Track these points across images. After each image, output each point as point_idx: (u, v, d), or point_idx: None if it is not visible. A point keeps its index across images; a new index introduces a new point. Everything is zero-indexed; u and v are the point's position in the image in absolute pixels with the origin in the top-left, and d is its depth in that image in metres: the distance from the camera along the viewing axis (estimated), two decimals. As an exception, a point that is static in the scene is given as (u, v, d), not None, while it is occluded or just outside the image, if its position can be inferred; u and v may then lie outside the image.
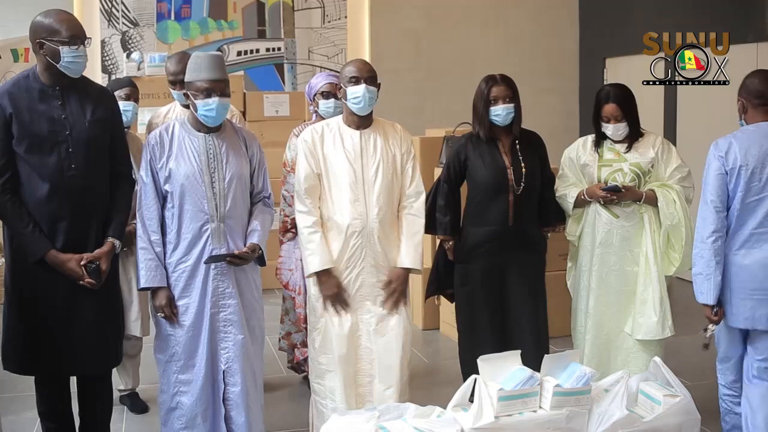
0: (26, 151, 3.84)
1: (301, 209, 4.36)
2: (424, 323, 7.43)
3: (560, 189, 5.01)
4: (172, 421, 4.20)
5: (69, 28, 3.85)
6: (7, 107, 3.83)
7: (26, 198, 3.89)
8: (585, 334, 5.03)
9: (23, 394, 4.36)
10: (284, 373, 6.12)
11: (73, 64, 3.89)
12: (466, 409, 3.30)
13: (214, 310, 4.11)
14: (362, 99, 4.31)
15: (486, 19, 11.24)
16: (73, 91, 3.98)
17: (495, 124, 4.75)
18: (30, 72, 3.98)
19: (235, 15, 10.91)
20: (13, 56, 9.70)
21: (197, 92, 4.02)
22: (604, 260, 4.94)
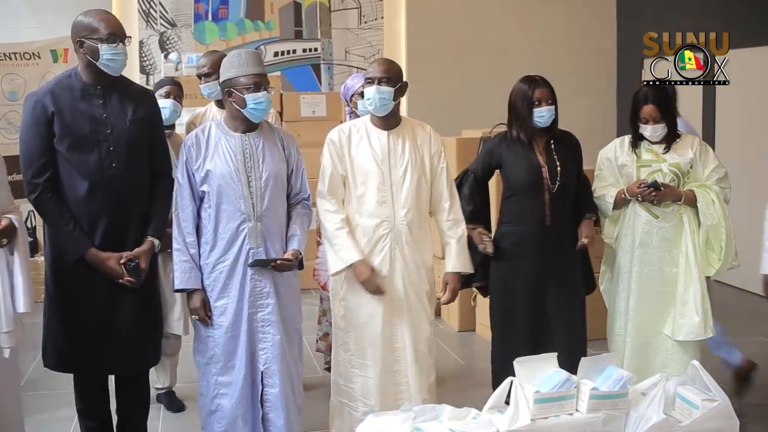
0: (67, 150, 3.88)
1: (328, 208, 4.37)
2: (459, 325, 7.41)
3: (598, 189, 4.97)
4: (212, 424, 4.21)
5: (108, 26, 3.90)
6: (49, 106, 3.88)
7: (66, 196, 3.93)
8: (625, 337, 4.99)
9: (59, 392, 4.40)
10: (321, 374, 6.13)
11: (112, 62, 3.92)
12: (502, 411, 3.28)
13: (252, 310, 4.12)
14: (372, 101, 4.33)
15: (522, 19, 11.20)
16: (114, 91, 4.02)
17: (537, 125, 4.72)
18: (72, 71, 4.03)
19: (272, 16, 10.94)
20: (53, 57, 9.77)
21: (244, 87, 4.02)
22: (644, 261, 4.91)
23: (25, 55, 9.68)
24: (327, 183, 4.38)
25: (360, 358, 4.38)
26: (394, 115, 4.43)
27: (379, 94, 4.30)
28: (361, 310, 4.38)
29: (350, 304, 4.41)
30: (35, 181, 3.90)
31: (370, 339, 4.34)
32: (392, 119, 4.43)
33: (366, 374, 4.36)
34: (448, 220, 4.44)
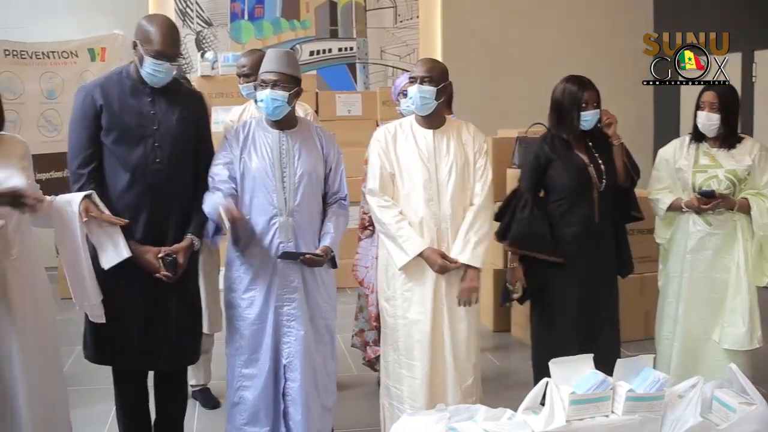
0: (113, 142, 3.92)
1: (383, 204, 4.35)
2: (494, 325, 7.39)
3: (654, 192, 4.95)
4: (234, 416, 4.24)
5: (160, 43, 3.90)
6: (99, 99, 3.93)
7: (109, 189, 3.97)
8: (673, 341, 4.97)
9: (97, 387, 4.44)
10: (355, 372, 6.14)
11: (152, 77, 3.96)
12: (537, 412, 3.27)
13: (279, 303, 4.13)
14: (414, 100, 4.33)
15: (559, 19, 11.16)
16: (164, 90, 4.05)
17: (582, 128, 4.68)
18: (124, 68, 4.09)
19: (308, 15, 10.97)
20: (90, 55, 9.84)
21: (260, 84, 4.11)
22: (695, 267, 4.88)
23: (63, 54, 9.76)
24: (378, 180, 4.38)
25: (408, 358, 4.37)
26: (438, 114, 4.42)
27: (420, 93, 4.30)
28: (410, 309, 4.36)
29: (398, 302, 4.40)
30: (80, 171, 3.94)
31: (419, 338, 4.33)
32: (437, 118, 4.42)
33: (413, 375, 4.34)
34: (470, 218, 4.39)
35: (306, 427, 4.15)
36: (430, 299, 4.32)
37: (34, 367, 3.71)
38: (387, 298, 4.46)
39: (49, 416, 3.82)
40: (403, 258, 4.30)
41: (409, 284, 4.35)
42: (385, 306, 4.48)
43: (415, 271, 4.33)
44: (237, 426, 4.23)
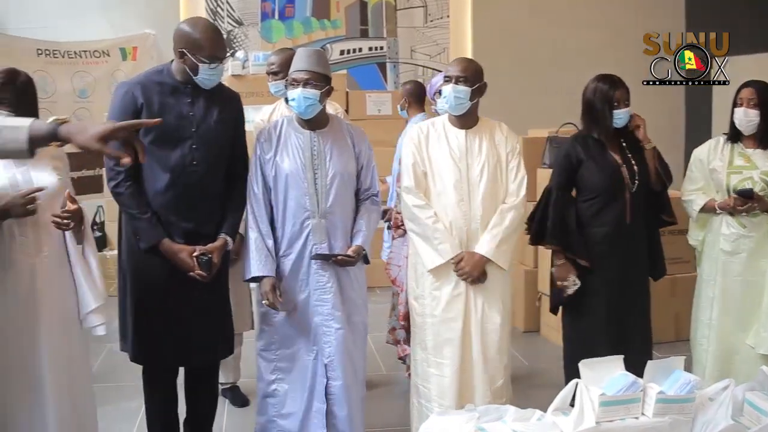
0: (152, 143, 3.91)
1: (418, 203, 4.34)
2: (524, 325, 7.38)
3: (687, 193, 4.92)
4: (267, 407, 4.29)
5: (212, 47, 3.93)
6: (139, 97, 3.94)
7: (146, 188, 3.99)
8: (708, 346, 4.93)
9: (126, 385, 4.47)
10: (384, 371, 6.15)
11: (208, 80, 3.99)
12: (567, 414, 3.26)
13: (316, 303, 4.17)
14: (448, 99, 4.32)
15: (589, 18, 11.09)
16: (203, 91, 4.06)
17: (615, 126, 4.66)
18: (165, 67, 4.09)
19: (338, 14, 10.99)
20: (122, 55, 9.93)
21: (291, 83, 4.13)
22: (729, 270, 4.85)
23: (95, 54, 9.85)
24: (413, 178, 4.37)
25: (436, 357, 4.36)
26: (471, 114, 4.41)
27: (455, 93, 4.29)
28: (438, 307, 4.35)
29: (426, 300, 4.39)
30: (117, 168, 3.94)
31: (449, 337, 4.32)
32: (470, 118, 4.41)
33: (442, 373, 4.34)
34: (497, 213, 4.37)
35: (350, 421, 4.22)
36: (462, 297, 4.31)
37: (61, 365, 3.73)
38: (416, 297, 4.46)
39: (76, 414, 3.84)
40: (436, 260, 4.29)
41: (437, 283, 4.34)
42: (414, 304, 4.48)
43: (444, 271, 4.32)
44: (269, 417, 4.29)
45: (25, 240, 3.62)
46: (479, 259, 4.27)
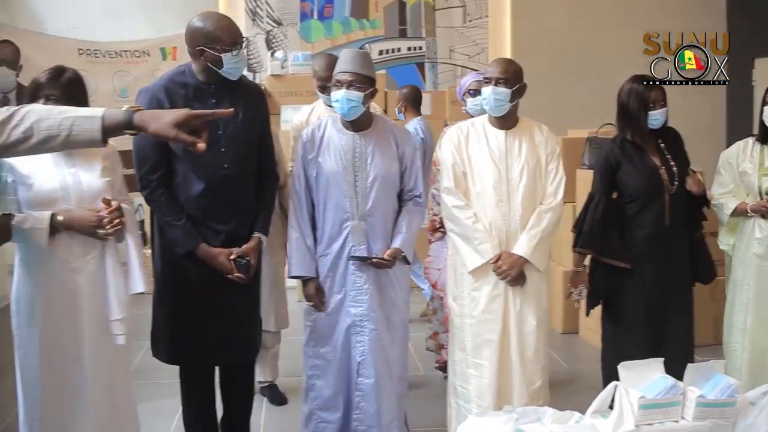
0: (182, 150, 3.91)
1: (457, 203, 4.32)
2: (563, 326, 7.35)
3: (717, 196, 4.85)
4: (309, 400, 4.40)
5: (229, 35, 3.90)
6: (164, 102, 3.91)
7: (180, 194, 3.99)
8: (742, 352, 4.88)
9: (165, 382, 4.49)
10: (422, 372, 6.15)
11: (234, 69, 3.97)
12: (606, 416, 3.24)
13: (351, 303, 4.19)
14: (488, 101, 4.30)
15: (628, 19, 11.01)
16: (227, 89, 4.02)
17: (651, 128, 4.64)
18: (186, 68, 4.06)
19: (377, 14, 11.00)
20: (162, 54, 10.01)
21: (334, 84, 4.15)
22: (762, 274, 4.79)
23: (135, 53, 9.93)
24: (453, 178, 4.36)
25: (475, 357, 4.35)
26: (511, 115, 4.38)
27: (495, 95, 4.27)
28: (477, 308, 4.34)
29: (465, 301, 4.38)
30: (149, 177, 3.96)
31: (488, 338, 4.30)
32: (510, 119, 4.39)
33: (481, 374, 4.32)
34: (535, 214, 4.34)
35: (378, 418, 4.25)
36: (501, 298, 4.30)
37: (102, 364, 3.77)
38: (455, 297, 4.45)
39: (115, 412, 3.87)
40: (476, 261, 4.28)
41: (477, 284, 4.33)
42: (453, 305, 4.47)
43: (484, 271, 4.31)
44: (311, 409, 4.39)
45: (71, 242, 3.66)
46: (517, 259, 4.25)
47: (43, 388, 3.71)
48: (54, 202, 3.63)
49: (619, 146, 4.69)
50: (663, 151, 4.66)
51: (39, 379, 3.71)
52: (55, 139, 2.61)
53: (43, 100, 3.67)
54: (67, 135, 2.60)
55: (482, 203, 4.31)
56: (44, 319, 3.68)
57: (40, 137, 2.59)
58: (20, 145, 2.59)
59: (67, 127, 2.60)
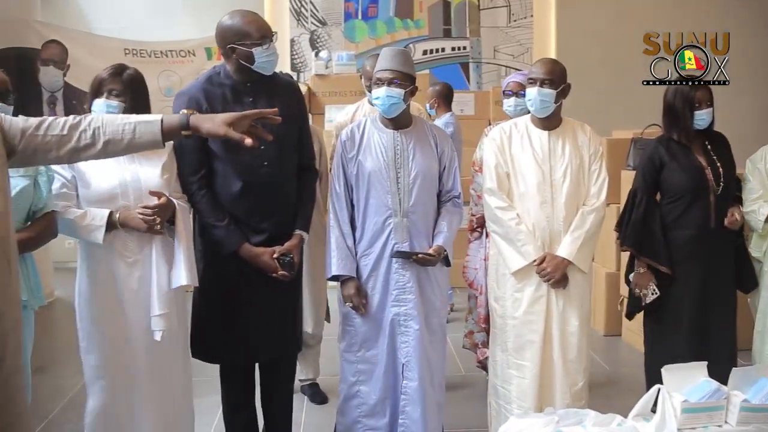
0: (220, 149, 3.93)
1: (500, 204, 4.31)
2: (605, 329, 7.29)
3: (747, 203, 4.73)
4: (350, 409, 4.29)
5: (258, 29, 3.91)
6: (203, 103, 3.93)
7: (221, 193, 4.00)
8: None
9: (208, 379, 4.51)
10: (463, 372, 6.14)
11: (267, 63, 3.96)
12: (648, 419, 3.22)
13: (395, 303, 4.15)
14: (533, 102, 4.28)
15: (674, 19, 10.91)
16: (263, 87, 4.05)
17: (697, 128, 4.60)
18: (221, 68, 4.07)
19: (421, 14, 11.00)
20: (207, 54, 10.07)
21: (374, 83, 4.15)
22: None
23: (181, 53, 10.00)
24: (496, 179, 4.34)
25: (517, 359, 4.33)
26: (555, 115, 4.36)
27: (540, 96, 4.25)
28: (520, 309, 4.31)
29: (508, 302, 4.36)
30: (190, 179, 3.97)
31: (530, 339, 4.28)
32: (553, 119, 4.36)
33: (523, 375, 4.30)
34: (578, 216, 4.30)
35: (424, 424, 4.18)
36: (544, 299, 4.27)
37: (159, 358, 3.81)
38: (496, 298, 4.43)
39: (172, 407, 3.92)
40: (520, 262, 4.26)
41: (519, 285, 4.31)
42: (495, 306, 4.45)
43: (526, 272, 4.29)
44: (354, 419, 4.29)
45: (127, 236, 3.71)
46: (561, 261, 4.22)
47: (106, 381, 3.78)
48: (113, 198, 3.69)
49: (664, 145, 4.67)
50: (709, 152, 4.62)
51: (101, 373, 3.78)
52: (120, 143, 2.82)
53: (106, 94, 3.77)
54: (130, 138, 2.82)
55: (525, 204, 4.29)
56: (104, 313, 3.75)
57: (105, 140, 2.79)
58: (89, 150, 2.79)
59: (129, 131, 2.82)
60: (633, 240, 4.71)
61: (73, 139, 2.76)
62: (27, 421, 2.62)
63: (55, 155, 2.77)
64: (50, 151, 2.74)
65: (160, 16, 10.47)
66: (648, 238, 4.68)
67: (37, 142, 2.72)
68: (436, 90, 7.81)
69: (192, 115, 2.90)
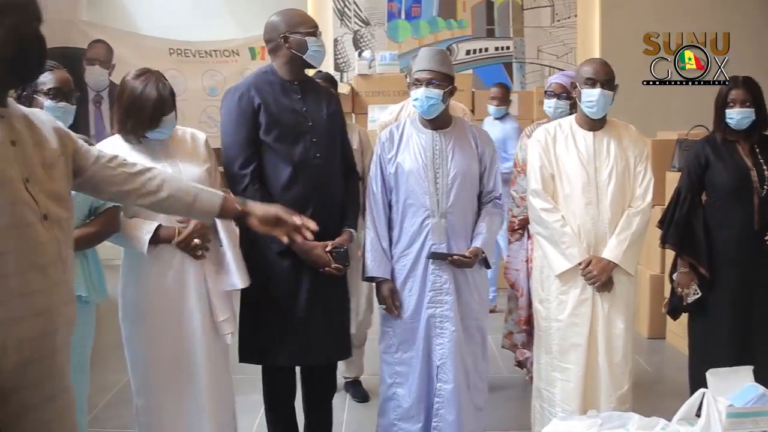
0: (275, 141, 3.98)
1: (545, 206, 4.30)
2: (649, 331, 7.24)
3: None
4: (388, 411, 4.29)
5: (308, 21, 4.06)
6: (255, 98, 3.99)
7: (271, 185, 4.02)
8: None
9: (252, 377, 4.53)
10: (505, 374, 6.12)
11: (317, 54, 4.06)
12: (692, 424, 3.19)
13: (431, 305, 4.13)
14: (596, 104, 4.23)
15: (722, 18, 10.81)
16: (309, 87, 4.15)
17: (730, 127, 4.57)
18: (268, 68, 4.14)
19: (465, 14, 10.98)
20: (251, 54, 10.12)
21: (412, 84, 4.15)
22: None
23: (225, 53, 10.07)
24: (541, 180, 4.33)
25: (562, 361, 4.31)
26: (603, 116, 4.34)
27: (604, 98, 4.23)
28: (565, 311, 4.30)
29: (552, 304, 4.34)
30: (242, 172, 3.98)
31: (575, 341, 4.27)
32: (600, 120, 4.34)
33: (567, 378, 4.29)
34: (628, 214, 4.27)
35: (459, 427, 4.15)
36: (589, 302, 4.25)
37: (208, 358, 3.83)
38: (541, 300, 4.41)
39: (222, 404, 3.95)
40: (564, 265, 4.24)
41: (564, 287, 4.29)
42: (539, 308, 4.43)
43: (571, 275, 4.26)
44: (390, 421, 4.28)
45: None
46: (606, 264, 4.20)
47: (154, 382, 3.81)
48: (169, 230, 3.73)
49: (711, 145, 4.64)
50: (756, 154, 4.57)
51: (146, 375, 3.82)
52: (180, 201, 2.93)
53: None
54: (192, 201, 2.94)
55: (570, 206, 4.27)
56: (148, 316, 3.77)
57: (168, 195, 2.90)
58: (147, 197, 2.89)
59: (192, 195, 2.94)
60: (675, 239, 4.69)
61: (138, 181, 2.85)
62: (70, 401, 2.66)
63: (115, 191, 2.85)
64: (113, 185, 2.82)
65: (204, 16, 10.53)
66: (690, 237, 4.65)
67: (107, 173, 2.80)
68: (500, 90, 7.87)
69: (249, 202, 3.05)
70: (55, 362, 2.50)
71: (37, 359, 2.43)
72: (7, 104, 2.52)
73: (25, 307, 2.35)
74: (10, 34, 2.41)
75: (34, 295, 2.38)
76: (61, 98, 3.68)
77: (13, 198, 2.34)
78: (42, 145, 2.56)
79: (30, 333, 2.38)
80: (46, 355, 2.45)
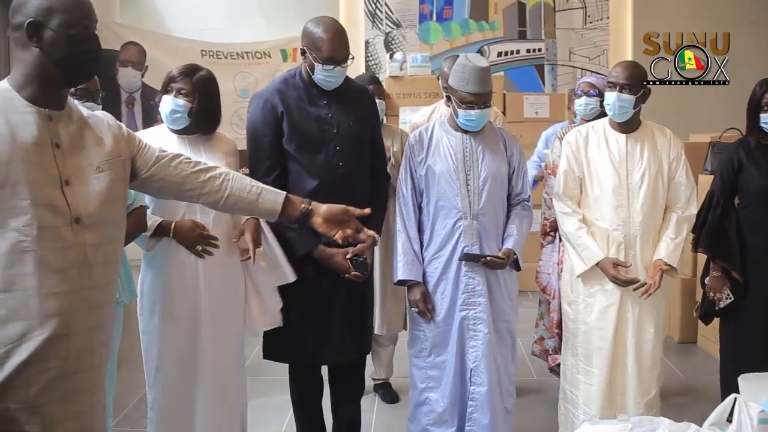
0: (296, 149, 3.96)
1: (565, 210, 4.31)
2: (680, 336, 7.19)
3: None
4: (419, 416, 4.27)
5: (330, 50, 3.89)
6: (278, 105, 3.98)
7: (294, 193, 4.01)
8: None
9: (279, 378, 4.55)
10: (535, 377, 6.10)
11: (324, 82, 4.00)
12: (724, 429, 3.16)
13: (464, 307, 4.13)
14: (612, 107, 4.23)
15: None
16: (337, 91, 4.08)
17: (764, 130, 4.53)
18: (297, 71, 4.12)
19: (496, 16, 10.96)
20: (282, 56, 10.14)
21: (461, 101, 4.05)
22: None
23: (256, 55, 10.09)
24: (563, 184, 4.34)
25: (586, 364, 4.31)
26: (633, 118, 4.31)
27: (619, 101, 4.21)
28: (591, 314, 4.29)
29: (580, 306, 4.34)
30: (265, 179, 3.94)
31: (599, 345, 4.26)
32: (632, 123, 4.31)
33: (590, 381, 4.29)
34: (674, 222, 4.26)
35: (492, 430, 4.13)
36: (615, 307, 4.23)
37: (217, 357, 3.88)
38: (569, 302, 4.41)
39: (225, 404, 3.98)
40: (581, 266, 4.25)
41: (592, 290, 4.28)
42: (567, 310, 4.43)
43: (599, 278, 4.25)
44: (423, 426, 4.26)
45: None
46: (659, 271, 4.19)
47: (164, 376, 3.86)
48: (183, 227, 3.77)
49: (744, 148, 4.61)
50: (792, 159, 4.54)
51: (160, 368, 3.87)
52: (244, 200, 2.91)
53: (174, 93, 3.86)
54: (254, 199, 2.92)
55: (600, 208, 4.25)
56: (161, 310, 3.83)
57: (229, 194, 2.89)
58: (209, 197, 2.89)
59: (255, 194, 2.92)
60: (708, 242, 4.66)
61: (200, 180, 2.85)
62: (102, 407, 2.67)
63: (177, 190, 2.86)
64: (175, 183, 2.83)
65: (236, 18, 10.59)
66: (723, 241, 4.62)
67: (168, 172, 2.80)
68: None
69: (313, 203, 3.08)
70: (68, 365, 2.47)
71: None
72: (65, 106, 2.54)
73: (40, 308, 2.36)
74: (60, 33, 2.43)
75: (50, 298, 2.38)
76: (88, 98, 3.72)
77: (37, 199, 2.35)
78: (95, 147, 2.57)
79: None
80: (58, 356, 2.44)
